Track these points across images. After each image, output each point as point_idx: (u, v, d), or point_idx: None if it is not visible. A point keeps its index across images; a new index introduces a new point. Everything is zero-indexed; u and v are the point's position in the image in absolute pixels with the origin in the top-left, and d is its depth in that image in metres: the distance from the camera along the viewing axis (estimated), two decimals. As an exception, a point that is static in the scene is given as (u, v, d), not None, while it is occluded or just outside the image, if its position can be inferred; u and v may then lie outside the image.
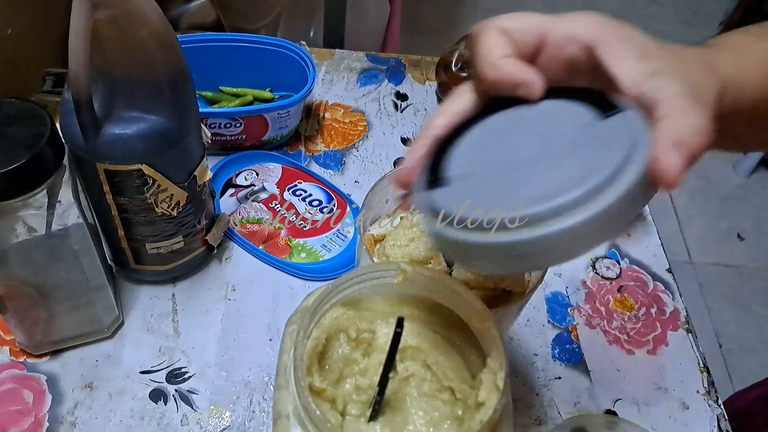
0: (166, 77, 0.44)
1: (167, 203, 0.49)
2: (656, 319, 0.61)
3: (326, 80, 0.78)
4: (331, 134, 0.72)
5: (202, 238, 0.56)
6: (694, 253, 1.72)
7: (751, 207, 1.83)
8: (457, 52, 0.73)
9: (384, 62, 0.81)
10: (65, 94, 0.44)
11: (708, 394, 0.56)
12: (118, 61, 0.43)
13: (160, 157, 0.46)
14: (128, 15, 0.40)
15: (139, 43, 0.42)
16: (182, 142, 0.47)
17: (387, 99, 0.77)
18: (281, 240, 0.61)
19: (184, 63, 0.46)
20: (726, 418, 0.54)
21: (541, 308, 0.60)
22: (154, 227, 0.51)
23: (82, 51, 0.40)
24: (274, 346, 0.55)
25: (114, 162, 0.45)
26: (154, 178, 0.47)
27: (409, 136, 0.73)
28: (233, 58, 0.70)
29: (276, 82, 0.73)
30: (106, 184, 0.47)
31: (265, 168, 0.67)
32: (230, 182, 0.65)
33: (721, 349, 1.52)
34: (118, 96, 0.44)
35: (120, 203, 0.48)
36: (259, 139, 0.68)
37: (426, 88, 0.79)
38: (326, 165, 0.69)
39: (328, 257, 0.61)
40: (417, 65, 0.81)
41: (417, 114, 0.76)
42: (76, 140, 0.44)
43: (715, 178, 1.90)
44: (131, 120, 0.44)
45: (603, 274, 0.64)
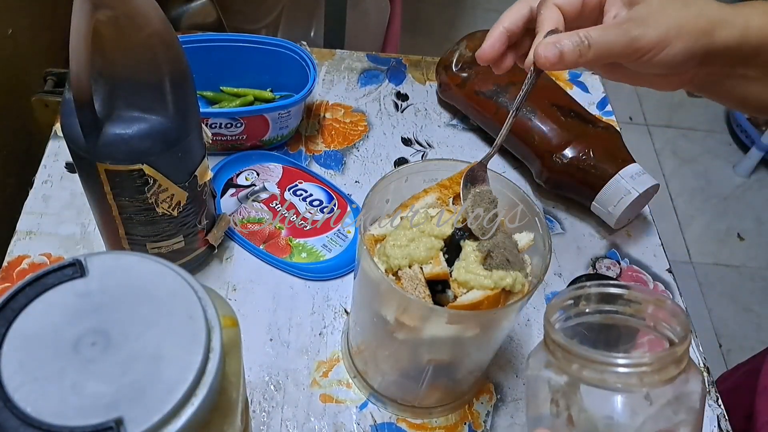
0: (167, 77, 0.44)
1: (168, 203, 0.50)
2: (656, 319, 0.61)
3: (327, 80, 0.78)
4: (332, 134, 0.72)
5: (203, 238, 0.56)
6: (694, 253, 1.72)
7: (751, 207, 1.83)
8: (457, 52, 0.73)
9: (384, 62, 0.81)
10: (66, 94, 0.44)
11: (708, 394, 0.56)
12: (118, 61, 0.43)
13: (160, 157, 0.46)
14: (129, 15, 0.40)
15: (140, 44, 0.42)
16: (183, 142, 0.47)
17: (387, 99, 0.77)
18: (282, 240, 0.61)
19: (184, 63, 0.46)
20: (726, 418, 0.54)
21: (541, 308, 0.60)
22: (154, 227, 0.51)
23: (83, 51, 0.40)
24: (274, 346, 0.55)
25: (115, 162, 0.45)
26: (155, 178, 0.47)
27: (410, 136, 0.73)
28: (234, 58, 0.70)
29: (276, 82, 0.73)
30: (106, 184, 0.47)
31: (266, 168, 0.67)
32: (231, 182, 0.65)
33: (721, 349, 1.52)
34: (118, 96, 0.44)
35: (121, 203, 0.48)
36: (260, 139, 0.68)
37: (426, 88, 0.79)
38: (327, 165, 0.69)
39: (329, 257, 0.61)
40: (417, 65, 0.81)
41: (417, 114, 0.76)
42: (77, 140, 0.44)
43: (715, 178, 1.90)
44: (132, 120, 0.44)
45: (603, 274, 0.64)
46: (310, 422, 0.51)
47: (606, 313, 0.38)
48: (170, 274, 0.31)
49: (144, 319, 0.29)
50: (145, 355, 0.28)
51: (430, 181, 0.49)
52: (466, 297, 0.42)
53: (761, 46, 0.43)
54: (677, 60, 0.42)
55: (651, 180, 0.63)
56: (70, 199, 0.62)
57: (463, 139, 0.74)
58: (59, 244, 0.59)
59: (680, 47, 0.42)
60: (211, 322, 0.30)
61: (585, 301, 0.39)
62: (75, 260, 0.31)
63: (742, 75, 0.45)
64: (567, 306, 0.39)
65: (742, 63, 0.44)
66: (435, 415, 0.53)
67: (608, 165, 0.64)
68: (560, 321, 0.39)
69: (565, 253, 0.65)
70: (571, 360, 0.35)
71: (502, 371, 0.56)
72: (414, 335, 0.45)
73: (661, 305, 0.37)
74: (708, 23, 0.42)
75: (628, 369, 0.33)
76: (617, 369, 0.33)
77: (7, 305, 0.29)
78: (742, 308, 1.61)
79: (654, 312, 0.38)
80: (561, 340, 0.35)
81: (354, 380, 0.54)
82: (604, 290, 0.38)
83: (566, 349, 0.35)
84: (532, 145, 0.67)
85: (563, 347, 0.35)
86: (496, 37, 0.45)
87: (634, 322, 0.38)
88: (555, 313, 0.39)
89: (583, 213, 0.68)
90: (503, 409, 0.54)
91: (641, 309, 0.38)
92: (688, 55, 0.42)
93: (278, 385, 0.53)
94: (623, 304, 0.38)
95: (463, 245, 0.44)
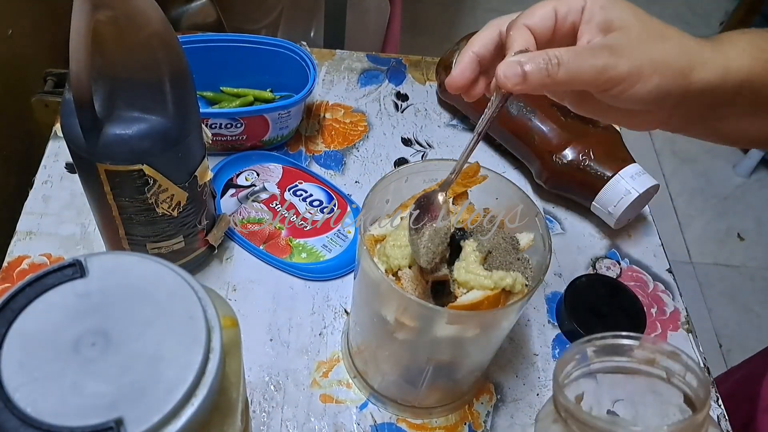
0: (167, 77, 0.44)
1: (168, 203, 0.50)
2: (656, 319, 0.61)
3: (327, 80, 0.78)
4: (332, 134, 0.72)
5: (203, 239, 0.56)
6: (694, 253, 1.72)
7: (751, 207, 1.83)
8: (457, 52, 0.73)
9: (384, 62, 0.81)
10: (66, 95, 0.44)
11: (708, 394, 0.56)
12: (118, 61, 0.43)
13: (160, 158, 0.46)
14: (129, 15, 0.40)
15: (140, 44, 0.42)
16: (183, 142, 0.47)
17: (387, 99, 0.77)
18: (282, 240, 0.61)
19: (184, 63, 0.46)
20: (726, 418, 0.54)
21: (541, 308, 0.60)
22: (154, 227, 0.51)
23: (83, 51, 0.40)
24: (274, 346, 0.55)
25: (115, 162, 0.45)
26: (155, 179, 0.47)
27: (410, 136, 0.73)
28: (234, 59, 0.70)
29: (276, 82, 0.73)
30: (106, 185, 0.47)
31: (266, 168, 0.67)
32: (231, 182, 0.66)
33: (721, 349, 1.52)
34: (118, 96, 0.44)
35: (120, 203, 0.48)
36: (260, 140, 0.68)
37: (426, 89, 0.79)
38: (327, 165, 0.69)
39: (329, 257, 0.61)
40: (417, 65, 0.81)
41: (417, 114, 0.76)
42: (77, 140, 0.44)
43: (715, 178, 1.90)
44: (132, 120, 0.44)
45: (603, 274, 0.64)
46: (310, 422, 0.51)
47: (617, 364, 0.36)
48: (170, 275, 0.31)
49: (144, 319, 0.29)
50: (145, 355, 0.28)
51: (430, 181, 0.49)
52: (466, 297, 0.42)
53: (742, 84, 0.40)
54: (650, 97, 0.39)
55: (651, 180, 0.63)
56: (70, 200, 0.62)
57: (463, 139, 0.74)
58: (59, 245, 0.59)
59: (654, 84, 0.38)
60: (211, 322, 0.30)
61: (594, 354, 0.37)
62: (75, 260, 0.31)
63: (723, 115, 0.42)
64: (576, 360, 0.37)
65: (723, 104, 0.41)
66: (435, 416, 0.53)
67: (608, 165, 0.64)
68: (570, 376, 0.37)
69: (565, 253, 0.65)
70: (579, 426, 0.33)
71: (502, 371, 0.56)
72: (414, 335, 0.45)
73: (676, 359, 0.36)
74: (686, 62, 0.39)
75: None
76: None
77: (7, 305, 0.29)
78: (742, 308, 1.61)
79: (669, 365, 0.36)
80: (570, 406, 0.34)
81: (354, 380, 0.54)
82: (615, 342, 0.36)
83: (576, 417, 0.33)
84: (532, 146, 0.67)
85: (572, 413, 0.34)
86: (465, 63, 0.42)
87: (647, 371, 0.36)
88: (564, 370, 0.37)
89: (583, 213, 0.68)
90: (503, 409, 0.54)
91: (654, 360, 0.36)
92: (663, 94, 0.39)
93: (278, 386, 0.53)
94: (637, 354, 0.36)
95: (463, 245, 0.44)
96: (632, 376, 0.37)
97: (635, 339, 0.36)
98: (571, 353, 0.37)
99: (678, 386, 0.36)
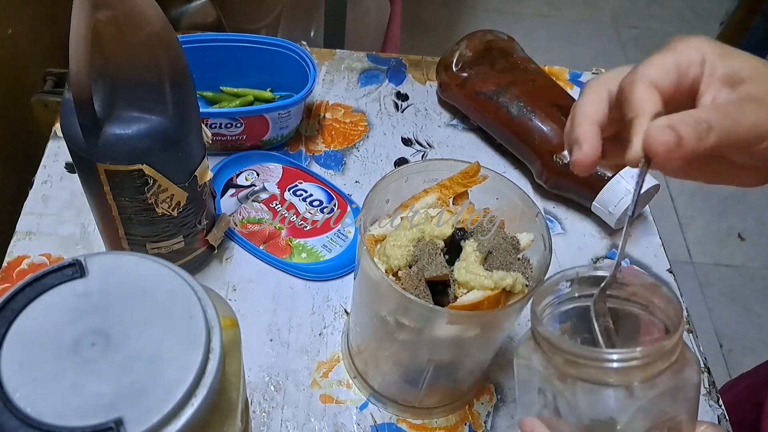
0: (167, 77, 0.44)
1: (168, 203, 0.49)
2: (657, 319, 0.60)
3: (327, 80, 0.78)
4: (332, 134, 0.72)
5: (203, 239, 0.56)
6: (694, 253, 1.72)
7: (751, 207, 1.83)
8: (457, 52, 0.73)
9: (384, 62, 0.81)
10: (66, 95, 0.44)
11: (708, 394, 0.56)
12: (118, 61, 0.43)
13: (160, 158, 0.46)
14: (129, 15, 0.40)
15: (140, 44, 0.42)
16: (183, 142, 0.47)
17: (387, 99, 0.77)
18: (282, 240, 0.61)
19: (184, 63, 0.46)
20: (727, 419, 0.54)
21: (542, 308, 0.60)
22: (154, 227, 0.51)
23: (83, 51, 0.40)
24: (274, 346, 0.55)
25: (114, 162, 0.45)
26: (155, 179, 0.47)
27: (410, 135, 0.73)
28: (234, 59, 0.70)
29: (276, 82, 0.73)
30: (106, 185, 0.47)
31: (266, 168, 0.67)
32: (231, 182, 0.65)
33: (721, 349, 1.52)
34: (118, 96, 0.44)
35: (120, 203, 0.48)
36: (260, 140, 0.68)
37: (426, 89, 0.79)
38: (327, 165, 0.69)
39: (329, 257, 0.61)
40: (417, 65, 0.81)
41: (417, 114, 0.76)
42: (77, 140, 0.44)
43: (716, 178, 1.89)
44: (132, 120, 0.44)
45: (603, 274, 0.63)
46: (310, 423, 0.51)
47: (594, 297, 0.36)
48: (170, 275, 0.31)
49: (144, 319, 0.29)
50: (144, 355, 0.28)
51: (430, 181, 0.49)
52: (466, 297, 0.42)
53: None
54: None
55: (651, 180, 0.63)
56: (70, 199, 0.62)
57: (463, 139, 0.74)
58: (59, 245, 0.59)
59: None
60: (210, 322, 0.30)
61: (576, 285, 0.37)
62: (75, 260, 0.31)
63: None
64: (555, 292, 0.37)
65: None
66: (435, 416, 0.53)
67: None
68: (549, 308, 0.37)
69: (566, 253, 0.65)
70: (557, 354, 0.33)
71: (502, 371, 0.56)
72: (414, 335, 0.44)
73: (656, 290, 0.36)
74: None
75: (617, 364, 0.32)
76: (605, 365, 0.32)
77: (7, 305, 0.29)
78: (742, 308, 1.61)
79: (648, 296, 0.36)
80: (547, 335, 0.34)
81: (354, 381, 0.54)
82: (594, 273, 0.36)
83: (552, 344, 0.34)
84: (533, 146, 0.67)
85: (549, 341, 0.34)
86: (591, 137, 0.36)
87: (629, 306, 0.36)
88: (542, 302, 0.36)
89: (583, 213, 0.68)
90: (503, 409, 0.54)
91: (635, 292, 0.36)
92: None
93: (278, 386, 0.53)
94: (616, 288, 0.36)
95: (464, 245, 0.44)
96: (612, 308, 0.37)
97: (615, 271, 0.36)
98: (550, 283, 0.37)
99: (660, 319, 0.36)
